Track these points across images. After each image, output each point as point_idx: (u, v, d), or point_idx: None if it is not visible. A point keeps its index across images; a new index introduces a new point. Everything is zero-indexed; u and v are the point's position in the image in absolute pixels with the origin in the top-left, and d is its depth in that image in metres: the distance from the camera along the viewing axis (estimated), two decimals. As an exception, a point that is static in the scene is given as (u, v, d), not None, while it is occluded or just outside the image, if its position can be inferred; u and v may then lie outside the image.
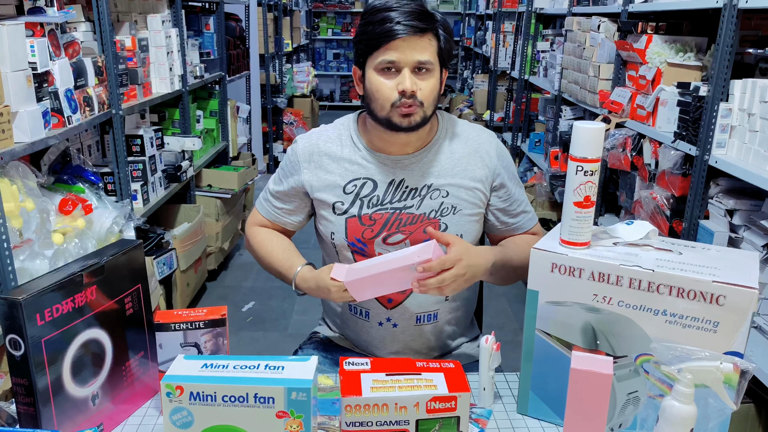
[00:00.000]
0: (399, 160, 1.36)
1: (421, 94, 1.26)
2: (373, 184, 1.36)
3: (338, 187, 1.37)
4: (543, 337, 1.10)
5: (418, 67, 1.25)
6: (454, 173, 1.36)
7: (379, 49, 1.25)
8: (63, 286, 0.99)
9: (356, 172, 1.37)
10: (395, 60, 1.24)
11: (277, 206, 1.46)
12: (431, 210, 1.35)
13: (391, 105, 1.26)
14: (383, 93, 1.26)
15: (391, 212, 1.35)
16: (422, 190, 1.36)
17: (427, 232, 1.26)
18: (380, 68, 1.26)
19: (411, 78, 1.24)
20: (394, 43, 1.23)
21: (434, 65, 1.27)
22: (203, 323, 1.10)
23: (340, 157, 1.38)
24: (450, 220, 1.36)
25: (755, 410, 1.82)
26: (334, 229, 1.38)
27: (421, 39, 1.24)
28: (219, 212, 3.55)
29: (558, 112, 3.93)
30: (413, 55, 1.24)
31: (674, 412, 0.91)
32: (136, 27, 2.84)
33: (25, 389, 0.96)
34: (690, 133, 2.16)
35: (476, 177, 1.37)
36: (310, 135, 1.44)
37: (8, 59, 1.69)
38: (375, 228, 1.35)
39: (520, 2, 5.48)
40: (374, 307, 1.41)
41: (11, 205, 1.69)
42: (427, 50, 1.25)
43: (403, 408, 0.89)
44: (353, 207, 1.36)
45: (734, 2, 1.94)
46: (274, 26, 6.03)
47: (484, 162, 1.38)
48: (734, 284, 0.94)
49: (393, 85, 1.25)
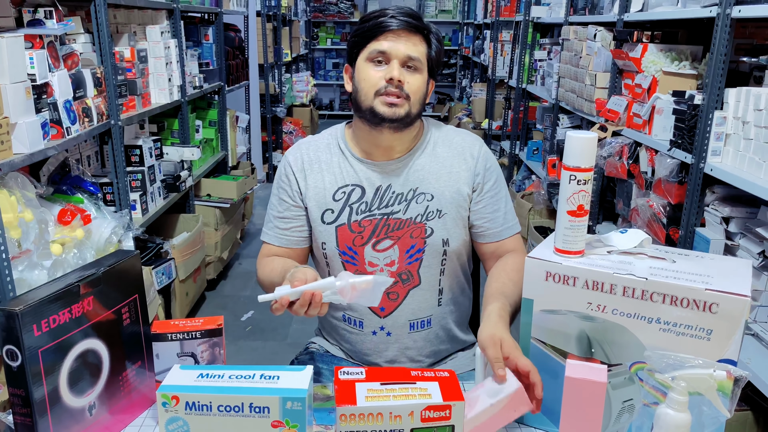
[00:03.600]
0: (385, 165, 1.38)
1: (409, 87, 1.29)
2: (361, 190, 1.38)
3: (328, 194, 1.38)
4: (538, 345, 1.10)
5: (408, 63, 1.29)
6: (438, 177, 1.38)
7: (372, 40, 1.30)
8: (60, 297, 0.99)
9: (345, 179, 1.38)
10: (386, 50, 1.29)
11: (283, 228, 1.43)
12: (417, 214, 1.36)
13: (376, 92, 1.29)
14: (369, 81, 1.30)
15: (379, 218, 1.37)
16: (408, 194, 1.37)
17: (500, 374, 1.05)
18: (371, 57, 1.30)
19: (399, 69, 1.29)
20: (386, 34, 1.29)
21: (423, 65, 1.31)
22: (200, 333, 1.11)
23: (329, 165, 1.40)
24: (436, 224, 1.37)
25: (753, 418, 1.82)
26: (325, 238, 1.39)
27: (412, 36, 1.30)
28: (218, 222, 3.55)
29: (555, 121, 3.95)
30: (404, 48, 1.29)
31: (669, 420, 0.91)
32: (135, 38, 2.86)
33: (22, 400, 0.96)
34: (686, 141, 2.18)
35: (460, 179, 1.38)
36: (299, 146, 1.45)
37: (7, 71, 1.70)
38: (365, 234, 1.36)
39: (517, 11, 5.51)
40: (367, 317, 1.41)
41: (10, 215, 1.70)
42: (418, 47, 1.31)
43: (397, 417, 0.89)
44: (342, 215, 1.37)
45: (728, 12, 1.96)
46: (273, 36, 6.06)
47: (468, 164, 1.39)
48: (727, 292, 0.95)
49: (381, 74, 1.29)
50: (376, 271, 1.38)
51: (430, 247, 1.37)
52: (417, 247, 1.37)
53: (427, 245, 1.37)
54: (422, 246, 1.37)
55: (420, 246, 1.37)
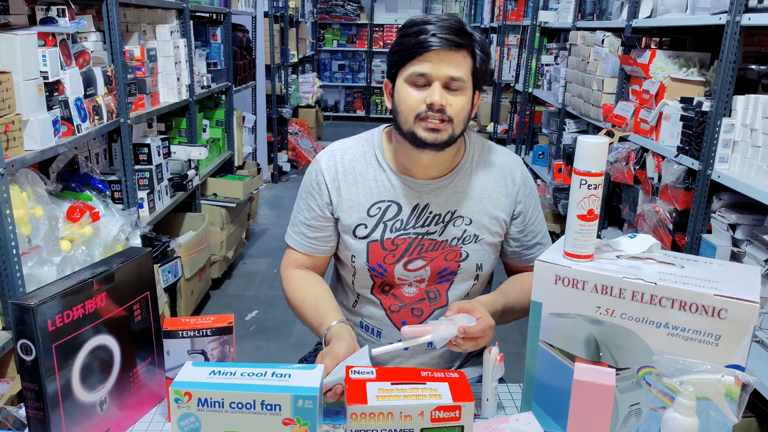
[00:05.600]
0: (425, 185, 1.32)
1: (451, 110, 1.21)
2: (397, 207, 1.33)
3: (362, 209, 1.33)
4: (546, 348, 1.11)
5: (450, 83, 1.21)
6: (479, 200, 1.34)
7: (412, 60, 1.20)
8: (74, 293, 1.00)
9: (381, 194, 1.33)
10: (426, 72, 1.20)
11: (310, 236, 1.38)
12: (453, 237, 1.33)
13: (416, 117, 1.21)
14: (409, 104, 1.22)
15: (413, 237, 1.33)
16: (446, 216, 1.33)
17: (459, 308, 1.22)
18: (411, 80, 1.22)
19: (441, 92, 1.20)
20: (427, 55, 1.19)
21: (466, 83, 1.22)
22: (210, 331, 1.12)
23: (364, 177, 1.34)
24: (471, 249, 1.34)
25: (757, 424, 1.82)
26: (355, 252, 1.35)
27: (455, 54, 1.20)
28: (224, 221, 3.57)
29: (561, 125, 3.95)
30: (446, 70, 1.19)
31: (676, 424, 0.92)
32: (145, 37, 2.88)
33: (35, 394, 0.97)
34: (693, 148, 2.18)
35: (499, 205, 1.35)
36: (333, 153, 1.37)
37: (20, 68, 1.72)
38: (396, 253, 1.33)
39: (524, 16, 5.52)
40: (387, 328, 1.40)
41: (21, 212, 1.71)
42: (461, 67, 1.21)
43: (407, 417, 0.90)
44: (376, 231, 1.33)
45: (737, 19, 1.96)
46: (280, 37, 6.08)
47: (508, 189, 1.35)
48: (736, 298, 0.95)
49: (421, 97, 1.21)
50: (404, 285, 1.36)
51: (463, 271, 1.35)
52: (450, 270, 1.35)
53: (461, 269, 1.35)
54: (455, 269, 1.35)
55: (453, 269, 1.35)
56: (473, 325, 1.17)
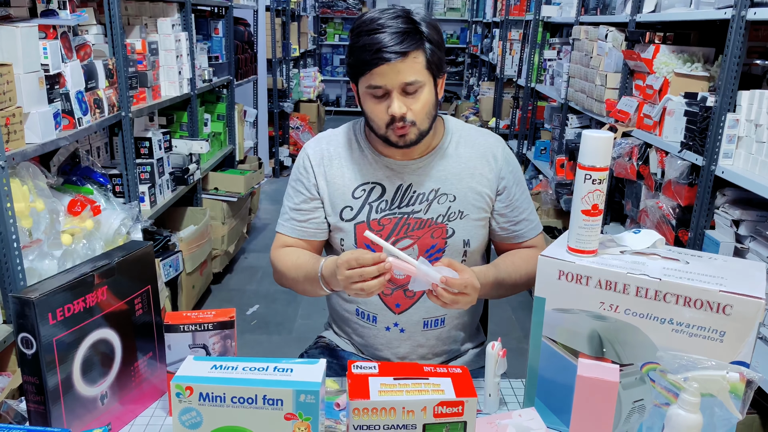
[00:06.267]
0: (406, 165, 1.37)
1: (412, 115, 1.26)
2: (381, 188, 1.37)
3: (347, 191, 1.38)
4: (549, 344, 1.10)
5: (407, 88, 1.25)
6: (461, 177, 1.37)
7: (365, 75, 1.25)
8: (74, 287, 1.00)
9: (365, 177, 1.38)
10: (381, 84, 1.24)
11: (300, 220, 1.41)
12: (438, 215, 1.36)
13: (385, 125, 1.28)
14: (377, 116, 1.28)
15: (399, 217, 1.36)
16: (429, 194, 1.37)
17: (449, 263, 1.21)
18: (369, 92, 1.27)
19: (399, 101, 1.24)
20: (378, 69, 1.23)
21: (423, 81, 1.26)
22: (212, 325, 1.11)
23: (349, 161, 1.39)
24: (457, 225, 1.37)
25: (760, 421, 1.82)
26: (343, 235, 1.39)
27: (405, 60, 1.23)
28: (225, 215, 3.56)
29: (564, 121, 3.94)
30: (400, 77, 1.23)
31: (680, 420, 0.91)
32: (146, 30, 2.86)
33: (36, 388, 0.97)
34: (697, 143, 2.17)
35: (483, 181, 1.38)
36: (319, 140, 1.44)
37: (21, 61, 1.71)
38: (383, 233, 1.36)
39: (527, 10, 5.50)
40: (381, 312, 1.41)
41: (22, 205, 1.70)
42: (413, 69, 1.24)
43: (410, 412, 0.89)
44: (362, 213, 1.37)
45: (742, 14, 1.95)
46: (281, 31, 6.06)
47: (491, 166, 1.39)
48: (741, 294, 0.95)
49: (384, 108, 1.26)
50: None
51: (451, 248, 1.37)
52: (437, 248, 1.37)
53: (448, 245, 1.37)
54: (443, 246, 1.37)
55: (440, 246, 1.37)
56: (456, 278, 1.17)
